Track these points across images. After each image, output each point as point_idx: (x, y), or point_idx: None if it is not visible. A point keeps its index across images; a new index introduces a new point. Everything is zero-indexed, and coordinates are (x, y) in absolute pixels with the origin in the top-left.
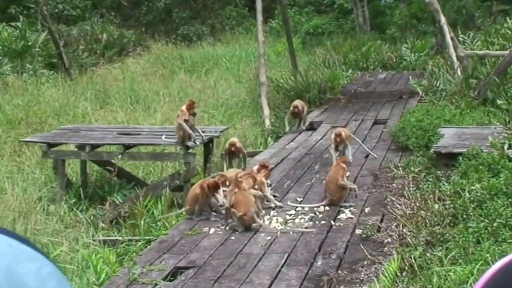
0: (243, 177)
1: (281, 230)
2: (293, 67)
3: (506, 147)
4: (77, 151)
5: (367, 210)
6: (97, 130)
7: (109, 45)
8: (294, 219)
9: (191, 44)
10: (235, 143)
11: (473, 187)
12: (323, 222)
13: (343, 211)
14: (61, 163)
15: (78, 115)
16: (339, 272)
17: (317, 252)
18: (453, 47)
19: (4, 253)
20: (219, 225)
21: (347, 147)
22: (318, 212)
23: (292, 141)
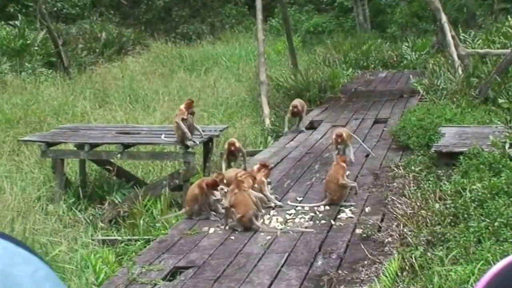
0: (243, 176)
1: (281, 229)
2: (293, 66)
3: (507, 146)
4: (76, 150)
5: (367, 209)
6: (96, 129)
7: (108, 44)
8: (294, 219)
9: (190, 42)
10: (235, 143)
11: (474, 187)
12: (323, 221)
13: (343, 210)
14: (60, 162)
15: (77, 114)
16: (340, 272)
17: (317, 251)
18: (454, 46)
19: None
20: (219, 225)
21: (348, 147)
22: (318, 211)
23: (292, 140)
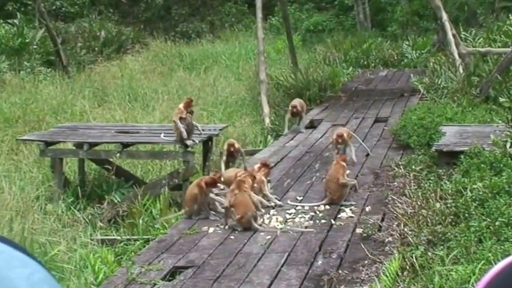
0: (243, 176)
1: (281, 229)
2: (293, 64)
3: (508, 145)
4: (75, 149)
5: (367, 209)
6: (95, 128)
7: (107, 43)
8: (294, 218)
9: (190, 41)
10: (234, 144)
11: (475, 186)
12: (323, 221)
13: (343, 210)
14: (58, 161)
15: (76, 113)
16: (340, 271)
17: (318, 251)
18: (455, 45)
19: None
20: (219, 224)
21: (349, 146)
22: (318, 211)
23: (292, 139)
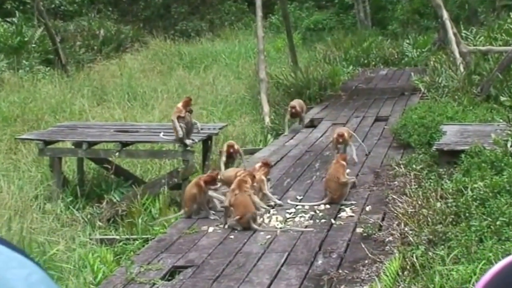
0: (242, 175)
1: (281, 228)
2: (293, 63)
3: (509, 144)
4: (74, 148)
5: (368, 208)
6: (94, 127)
7: (107, 41)
8: (294, 218)
9: (189, 40)
10: (234, 145)
11: (475, 185)
12: (323, 220)
13: (343, 209)
14: (57, 160)
15: (75, 112)
16: (340, 271)
17: (318, 251)
18: (455, 43)
19: None
20: (218, 224)
21: (350, 146)
22: (318, 210)
23: (292, 138)
